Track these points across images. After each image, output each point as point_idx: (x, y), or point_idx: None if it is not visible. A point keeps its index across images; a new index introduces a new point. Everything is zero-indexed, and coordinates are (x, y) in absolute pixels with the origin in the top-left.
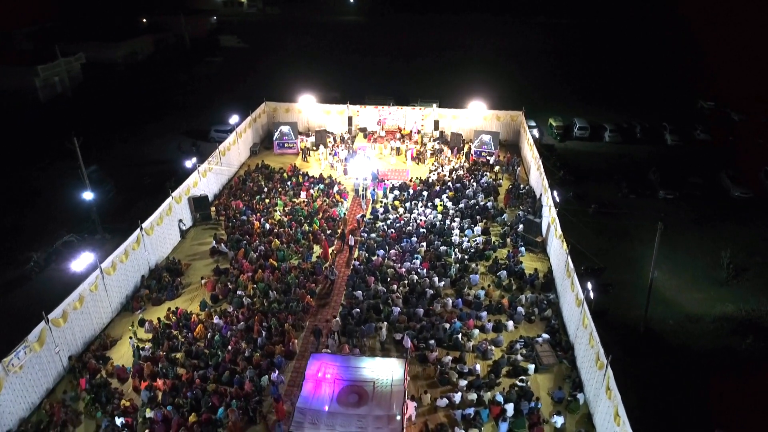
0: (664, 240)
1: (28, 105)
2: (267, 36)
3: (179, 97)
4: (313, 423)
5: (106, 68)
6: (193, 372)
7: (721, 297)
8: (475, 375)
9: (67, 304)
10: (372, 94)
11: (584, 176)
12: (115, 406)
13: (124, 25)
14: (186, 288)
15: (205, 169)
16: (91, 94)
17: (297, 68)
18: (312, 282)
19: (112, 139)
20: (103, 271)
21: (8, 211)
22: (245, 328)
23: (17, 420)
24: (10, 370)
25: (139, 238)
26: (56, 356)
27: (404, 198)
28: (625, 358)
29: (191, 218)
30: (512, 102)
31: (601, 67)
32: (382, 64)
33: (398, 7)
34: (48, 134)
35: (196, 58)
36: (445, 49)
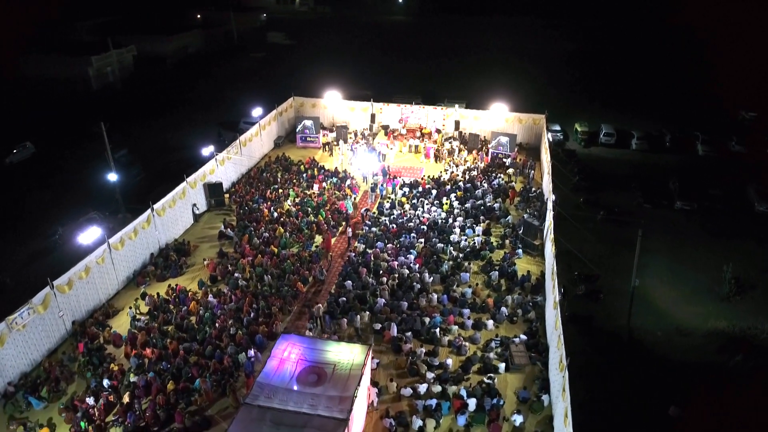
0: (670, 251)
1: (81, 92)
2: (312, 34)
3: (219, 89)
4: (268, 397)
5: (156, 60)
6: (180, 344)
7: (718, 313)
8: (444, 369)
9: (72, 273)
10: (401, 93)
11: (603, 183)
12: (105, 369)
13: (177, 20)
14: (190, 267)
15: (223, 157)
16: (139, 85)
17: (334, 65)
18: (307, 270)
19: (149, 127)
20: (110, 246)
21: (43, 187)
22: (236, 308)
23: (19, 373)
24: (13, 327)
25: (149, 218)
26: (60, 320)
27: (412, 195)
28: (603, 364)
29: (206, 203)
30: (538, 105)
31: (634, 72)
32: (417, 64)
33: (447, 8)
34: (93, 119)
35: (241, 53)
36: (478, 51)
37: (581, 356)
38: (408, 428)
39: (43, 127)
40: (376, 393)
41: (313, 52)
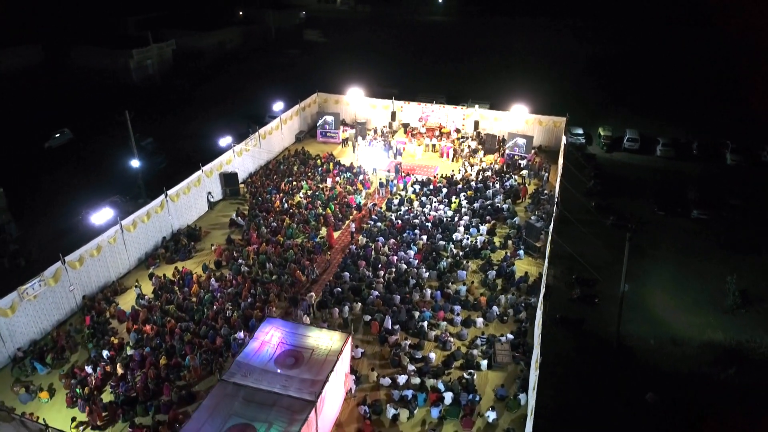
0: (677, 260)
1: (122, 83)
2: (348, 32)
3: (250, 84)
4: (244, 376)
5: (194, 55)
6: (178, 323)
7: (718, 325)
8: (426, 362)
9: (84, 250)
10: (426, 92)
11: (619, 188)
12: (106, 341)
13: (219, 17)
14: (199, 252)
15: (241, 148)
16: (176, 78)
17: (364, 64)
18: (308, 259)
19: (179, 118)
20: (123, 227)
21: (76, 171)
22: (235, 292)
23: (29, 340)
24: (24, 297)
25: (163, 203)
26: (70, 294)
27: (422, 192)
28: (585, 367)
29: (221, 192)
30: (561, 108)
31: (663, 76)
32: (446, 64)
33: (487, 9)
34: (127, 109)
35: (277, 49)
36: (505, 52)
37: (565, 358)
38: (382, 416)
39: (82, 114)
40: (353, 380)
41: (345, 50)
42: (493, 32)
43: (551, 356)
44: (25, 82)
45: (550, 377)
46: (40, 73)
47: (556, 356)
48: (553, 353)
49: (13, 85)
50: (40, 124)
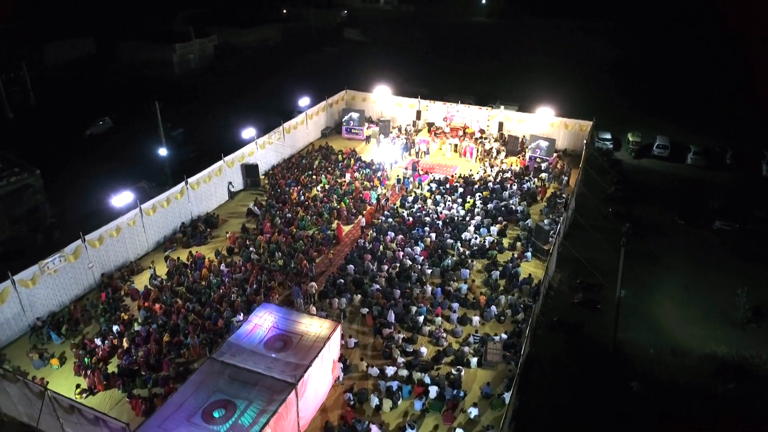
0: (692, 270)
1: (165, 76)
2: (388, 32)
3: (286, 80)
4: (233, 355)
5: (235, 51)
6: (185, 303)
7: (724, 338)
8: (416, 356)
9: (104, 230)
10: (455, 92)
11: (641, 196)
12: (117, 317)
13: (263, 14)
14: (214, 239)
15: (264, 141)
16: (216, 72)
17: (398, 62)
18: (316, 251)
19: (214, 110)
20: (142, 211)
21: (111, 157)
22: (243, 278)
23: (48, 311)
24: (44, 270)
25: (183, 190)
26: (89, 271)
27: (438, 191)
28: (576, 371)
29: (242, 183)
30: (590, 111)
31: (700, 82)
32: (480, 65)
33: (531, 11)
34: (166, 101)
35: (315, 47)
36: (540, 53)
37: (557, 361)
38: (365, 405)
39: (124, 104)
40: (341, 368)
41: (383, 49)
42: (533, 34)
43: (544, 358)
44: (76, 73)
45: (540, 378)
46: (91, 65)
47: (548, 358)
48: (546, 355)
49: (65, 75)
50: (84, 113)
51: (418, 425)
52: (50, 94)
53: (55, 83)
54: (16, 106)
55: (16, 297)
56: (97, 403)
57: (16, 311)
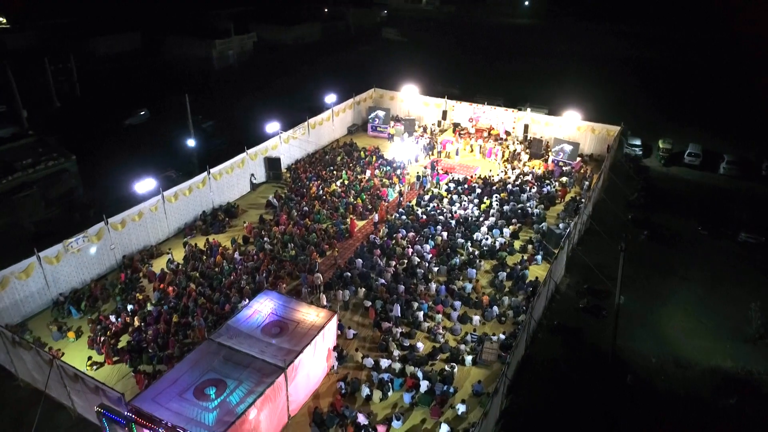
0: (709, 282)
1: (204, 71)
2: (427, 32)
3: (321, 77)
4: (230, 338)
5: (274, 48)
6: (198, 288)
7: (731, 352)
8: (412, 350)
9: (126, 214)
10: (485, 93)
11: (665, 204)
12: (132, 296)
13: (305, 12)
14: (232, 228)
15: (288, 136)
16: (253, 68)
17: (432, 62)
18: (327, 244)
19: (248, 104)
20: (164, 198)
21: (145, 145)
22: (254, 267)
23: (70, 288)
24: (68, 249)
25: (205, 180)
26: (111, 252)
27: (455, 191)
28: (571, 376)
29: (265, 175)
30: (622, 117)
31: (740, 90)
32: (514, 67)
33: (575, 13)
34: (203, 94)
35: (352, 46)
36: (579, 57)
37: (552, 364)
38: (357, 394)
39: (162, 97)
40: (335, 357)
41: (419, 48)
42: (572, 37)
43: (540, 360)
44: (122, 65)
45: (534, 381)
46: (136, 58)
47: (545, 361)
48: (542, 358)
49: (111, 67)
50: (125, 104)
51: (405, 417)
52: (95, 85)
53: (101, 75)
54: (63, 96)
55: (41, 272)
56: (105, 375)
57: (41, 286)
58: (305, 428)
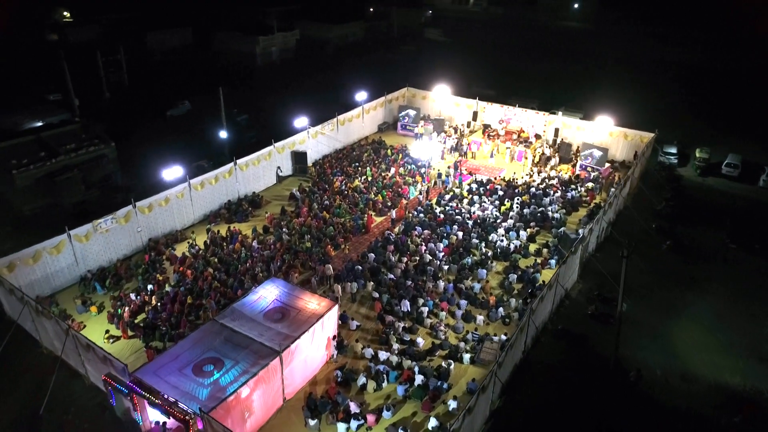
0: (731, 298)
1: (248, 66)
2: (472, 33)
3: (359, 75)
4: (233, 320)
5: (316, 45)
6: (214, 272)
7: (744, 370)
8: (412, 345)
9: (153, 199)
10: (521, 96)
11: (697, 215)
12: (153, 277)
13: (349, 11)
14: (255, 217)
15: (316, 131)
16: (294, 64)
17: (472, 63)
18: (343, 238)
19: (283, 99)
20: (191, 186)
21: (185, 135)
22: (270, 256)
23: (98, 265)
24: (97, 229)
25: (231, 170)
26: (138, 234)
27: (477, 192)
28: (572, 382)
29: (291, 168)
30: (660, 124)
31: None
32: (555, 70)
33: (627, 17)
34: (242, 88)
35: (393, 46)
36: (626, 62)
37: (551, 369)
38: (352, 383)
39: (205, 90)
40: (335, 347)
41: (461, 49)
42: (620, 40)
43: (540, 364)
44: (172, 59)
45: (530, 383)
46: (186, 52)
47: (544, 365)
48: (543, 361)
49: (162, 60)
50: (169, 95)
51: (397, 409)
52: (144, 77)
53: (151, 68)
54: (112, 87)
55: (71, 249)
56: (120, 348)
57: (71, 262)
58: (299, 412)
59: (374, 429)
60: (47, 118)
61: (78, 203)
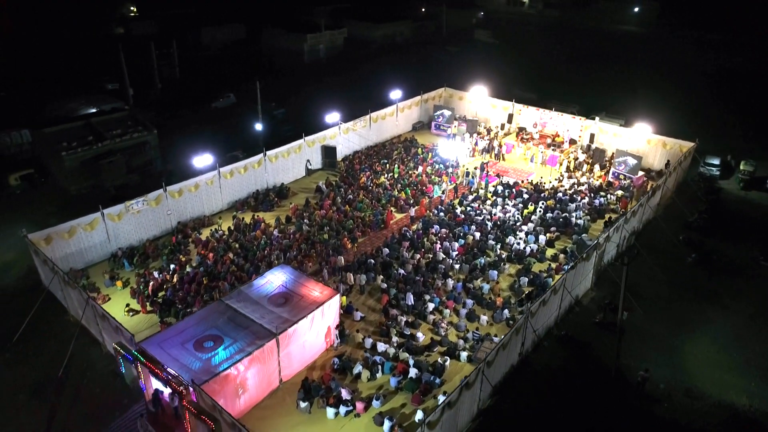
0: (753, 317)
1: (295, 62)
2: (523, 35)
3: (399, 73)
4: (238, 302)
5: (363, 44)
6: (234, 257)
7: (753, 391)
8: (411, 339)
9: (183, 185)
10: (561, 99)
11: (732, 230)
12: (176, 258)
13: (398, 11)
14: (280, 207)
15: (348, 127)
16: (340, 63)
17: (518, 66)
18: (360, 232)
19: (323, 96)
20: (220, 174)
21: (225, 126)
22: (288, 245)
23: (128, 244)
24: (129, 210)
25: (260, 161)
26: (167, 217)
27: (501, 194)
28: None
29: (321, 162)
30: (706, 134)
31: None
32: (603, 75)
33: (687, 23)
34: (284, 83)
35: (439, 45)
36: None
37: (550, 373)
38: (348, 371)
39: (249, 84)
40: (336, 335)
41: (508, 51)
42: (677, 46)
43: (538, 368)
44: (224, 53)
45: (525, 385)
46: (237, 48)
47: (543, 369)
48: (542, 366)
49: (216, 55)
50: (216, 88)
51: (387, 399)
52: (195, 70)
53: (202, 61)
54: (164, 78)
55: (103, 227)
56: (136, 322)
57: (103, 239)
58: (294, 394)
59: (362, 416)
60: (100, 106)
61: (119, 186)
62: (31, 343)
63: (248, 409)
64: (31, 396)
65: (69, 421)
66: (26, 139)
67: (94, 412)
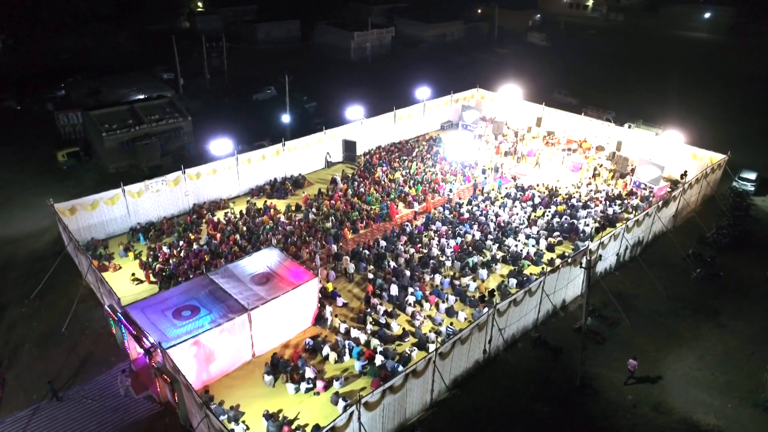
0: (751, 339)
1: (341, 59)
2: (579, 40)
3: (443, 73)
4: (222, 277)
5: (411, 43)
6: (239, 239)
7: (728, 414)
8: (383, 327)
9: (201, 168)
10: (598, 105)
11: (755, 249)
12: (186, 235)
13: (453, 11)
14: (293, 196)
15: (369, 123)
16: (386, 61)
17: (566, 70)
18: (363, 223)
19: (360, 93)
20: (239, 161)
21: (259, 117)
22: (291, 231)
23: (146, 220)
24: (148, 188)
25: (278, 151)
26: (185, 198)
27: (512, 196)
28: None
29: (342, 155)
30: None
31: None
32: (655, 82)
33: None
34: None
35: (489, 47)
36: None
37: (516, 373)
38: (319, 353)
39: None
40: (315, 318)
41: (561, 55)
42: (744, 55)
43: (504, 366)
44: (275, 48)
45: (488, 382)
46: (290, 43)
47: (509, 368)
48: (509, 365)
49: (266, 49)
50: (260, 81)
51: (348, 382)
52: (245, 63)
53: (252, 55)
54: (213, 70)
55: (124, 203)
56: (140, 291)
57: (123, 213)
58: (262, 368)
59: (321, 395)
60: (149, 92)
61: (153, 167)
62: (45, 299)
63: (219, 377)
64: (35, 345)
65: (62, 371)
66: (80, 120)
67: (84, 365)
